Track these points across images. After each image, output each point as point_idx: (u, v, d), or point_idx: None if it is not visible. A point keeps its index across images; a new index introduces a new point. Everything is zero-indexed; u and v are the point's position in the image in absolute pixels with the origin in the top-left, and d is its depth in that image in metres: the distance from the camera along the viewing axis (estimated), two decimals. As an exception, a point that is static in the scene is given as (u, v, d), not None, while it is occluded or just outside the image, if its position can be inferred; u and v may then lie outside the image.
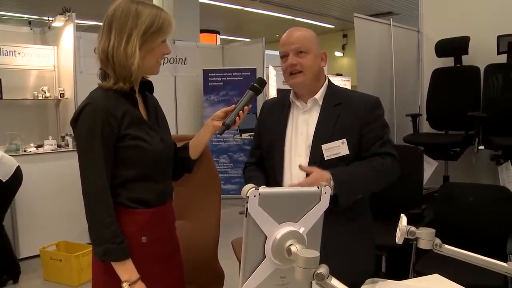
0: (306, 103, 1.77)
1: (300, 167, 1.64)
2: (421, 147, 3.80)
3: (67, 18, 4.91)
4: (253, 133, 7.01)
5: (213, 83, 6.81)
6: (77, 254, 3.65)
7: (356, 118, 1.70)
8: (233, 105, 1.61)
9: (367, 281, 1.60)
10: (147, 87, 1.59)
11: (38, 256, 4.01)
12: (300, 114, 1.78)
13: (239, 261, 2.09)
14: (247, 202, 0.96)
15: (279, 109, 1.83)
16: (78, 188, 1.42)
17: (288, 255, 0.97)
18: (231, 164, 6.78)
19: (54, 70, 5.10)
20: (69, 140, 4.64)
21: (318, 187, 1.06)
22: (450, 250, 1.30)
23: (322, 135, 1.69)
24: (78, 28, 5.01)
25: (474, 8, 4.12)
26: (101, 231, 1.38)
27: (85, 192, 1.41)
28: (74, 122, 1.43)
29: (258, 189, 0.96)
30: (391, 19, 4.44)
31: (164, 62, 1.60)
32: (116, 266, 1.39)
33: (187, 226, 2.25)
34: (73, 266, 3.61)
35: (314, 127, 1.72)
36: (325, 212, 1.05)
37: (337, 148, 1.67)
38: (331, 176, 1.56)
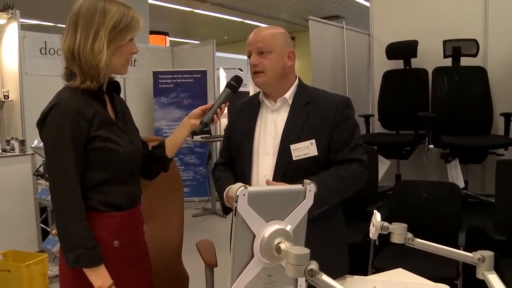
0: (276, 102, 1.75)
1: (267, 182, 1.61)
2: (374, 147, 3.92)
3: (10, 15, 4.67)
4: (205, 135, 6.86)
5: (163, 85, 6.71)
6: (28, 263, 3.46)
7: (325, 118, 1.69)
8: (211, 103, 1.60)
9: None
10: (114, 87, 1.55)
11: (-17, 267, 3.77)
12: (269, 113, 1.76)
13: (205, 263, 2.09)
14: (236, 201, 0.96)
15: (249, 109, 1.81)
16: (25, 194, 1.37)
17: (277, 253, 0.97)
18: (182, 167, 6.70)
19: (-3, 70, 4.84)
20: (15, 144, 4.39)
21: (302, 185, 1.07)
22: (422, 243, 1.34)
23: (290, 134, 1.68)
24: (21, 27, 4.77)
25: (421, 13, 4.34)
26: (73, 237, 1.33)
27: (54, 196, 1.35)
28: (41, 123, 1.37)
29: (247, 188, 0.96)
30: (344, 22, 4.56)
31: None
32: (88, 272, 1.35)
33: (151, 229, 2.21)
34: (24, 276, 3.42)
35: (283, 126, 1.71)
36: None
37: (306, 149, 1.66)
38: None
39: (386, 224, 1.34)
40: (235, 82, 1.66)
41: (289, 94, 1.75)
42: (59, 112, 1.34)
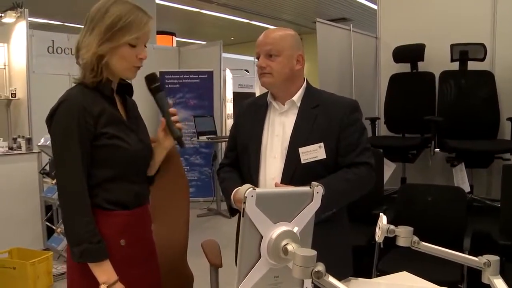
0: (284, 105, 1.74)
1: (276, 185, 1.62)
2: (380, 150, 3.92)
3: (19, 14, 4.70)
4: (210, 136, 6.88)
5: (169, 86, 6.74)
6: (33, 261, 3.48)
7: (333, 121, 1.68)
8: (162, 119, 1.54)
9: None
10: (127, 89, 1.57)
11: (-12, 264, 3.79)
12: (277, 116, 1.75)
13: (210, 263, 2.09)
14: (245, 203, 0.96)
15: (256, 110, 1.80)
16: (31, 192, 1.38)
17: (284, 254, 0.97)
18: (188, 167, 6.72)
19: (5, 68, 4.86)
20: (22, 142, 4.42)
21: (310, 187, 1.07)
22: (427, 247, 1.34)
23: (299, 138, 1.67)
24: (29, 25, 4.80)
25: (429, 17, 4.33)
26: (78, 231, 1.34)
27: (61, 191, 1.37)
28: (50, 119, 1.39)
29: (255, 189, 0.97)
30: (351, 25, 4.56)
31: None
32: (93, 267, 1.36)
33: (156, 229, 2.21)
34: (29, 274, 3.44)
35: (291, 129, 1.70)
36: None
37: (314, 152, 1.65)
38: None
39: (392, 227, 1.34)
40: (154, 83, 1.59)
41: (297, 97, 1.74)
42: (66, 108, 1.36)
